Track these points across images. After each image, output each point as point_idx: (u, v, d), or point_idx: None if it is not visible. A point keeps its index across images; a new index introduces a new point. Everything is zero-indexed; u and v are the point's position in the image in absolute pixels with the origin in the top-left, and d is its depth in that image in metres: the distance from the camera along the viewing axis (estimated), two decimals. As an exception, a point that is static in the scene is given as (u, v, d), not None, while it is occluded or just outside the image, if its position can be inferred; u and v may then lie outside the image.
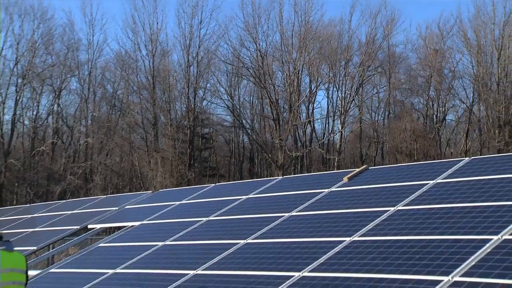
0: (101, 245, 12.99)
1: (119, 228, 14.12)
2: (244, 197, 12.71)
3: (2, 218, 18.85)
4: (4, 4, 50.39)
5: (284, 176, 14.33)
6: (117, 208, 15.36)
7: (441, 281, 6.89)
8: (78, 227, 14.69)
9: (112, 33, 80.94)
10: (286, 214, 10.77)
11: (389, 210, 9.37)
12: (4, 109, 49.14)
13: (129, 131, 49.60)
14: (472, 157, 10.68)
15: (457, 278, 6.85)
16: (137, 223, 13.52)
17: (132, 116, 49.14)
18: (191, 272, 9.56)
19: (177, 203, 14.05)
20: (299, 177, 13.84)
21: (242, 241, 10.20)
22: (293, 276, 8.25)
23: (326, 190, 11.34)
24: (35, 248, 13.84)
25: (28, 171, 47.60)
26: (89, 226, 14.66)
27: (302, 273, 8.25)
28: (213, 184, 15.29)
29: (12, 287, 8.48)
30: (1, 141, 47.98)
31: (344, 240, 8.84)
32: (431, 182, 9.91)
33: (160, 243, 11.54)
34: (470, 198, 8.81)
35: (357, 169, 11.98)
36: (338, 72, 49.23)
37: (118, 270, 10.81)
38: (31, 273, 12.62)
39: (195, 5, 49.25)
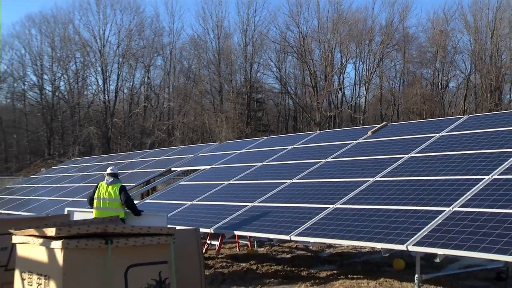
0: (181, 183, 13.22)
1: (194, 170, 14.32)
2: (290, 147, 12.73)
3: (111, 162, 19.31)
4: (110, 2, 51.44)
5: (321, 131, 14.26)
6: (192, 155, 15.54)
7: (444, 211, 6.85)
8: (164, 169, 14.93)
9: (187, 22, 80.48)
10: (323, 160, 10.77)
11: (404, 156, 9.28)
12: (110, 81, 50.28)
13: (200, 97, 49.80)
14: (470, 115, 10.46)
15: (456, 209, 6.81)
16: (207, 167, 13.68)
17: (202, 85, 49.36)
18: (250, 204, 9.69)
19: (238, 151, 14.15)
20: (333, 131, 13.76)
21: (288, 181, 10.26)
22: (328, 207, 8.30)
23: (354, 141, 11.28)
24: (134, 184, 14.18)
25: (127, 127, 48.56)
26: (172, 169, 14.91)
27: (335, 205, 8.29)
28: (265, 137, 15.31)
29: (99, 211, 8.90)
30: (108, 105, 49.05)
31: (368, 180, 8.82)
32: (437, 134, 9.76)
33: (226, 182, 11.68)
34: (468, 147, 8.66)
35: (379, 125, 11.86)
36: (363, 49, 48.58)
37: (194, 202, 11.02)
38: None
39: (251, -3, 49.04)
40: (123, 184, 9.18)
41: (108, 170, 9.19)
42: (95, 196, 9.01)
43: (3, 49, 54.04)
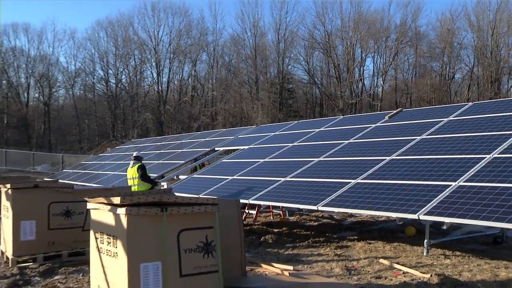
0: (223, 161, 13.32)
1: (234, 150, 14.38)
2: (317, 130, 12.68)
3: (164, 142, 19.60)
4: (163, 7, 51.98)
5: (344, 116, 14.13)
6: (233, 137, 15.62)
7: (450, 185, 6.76)
8: (209, 149, 15.04)
9: (228, 22, 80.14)
10: (346, 141, 10.70)
11: (416, 138, 9.16)
12: (162, 74, 51.03)
13: (239, 87, 49.76)
14: (473, 102, 10.21)
15: (462, 183, 6.71)
16: (246, 147, 13.74)
17: (241, 77, 49.36)
18: (282, 179, 9.73)
19: (272, 134, 14.17)
20: (354, 116, 13.60)
21: (316, 159, 10.25)
22: (350, 182, 8.28)
23: (373, 125, 11.16)
24: (183, 162, 14.32)
25: (177, 113, 49.02)
26: (216, 148, 15.00)
27: (356, 180, 8.25)
28: (295, 122, 15.26)
29: (132, 188, 9.86)
30: (161, 95, 49.65)
31: (385, 159, 8.74)
32: (445, 119, 9.58)
33: (262, 160, 11.73)
34: (472, 130, 8.49)
35: (395, 111, 11.70)
36: (381, 45, 47.73)
37: (235, 177, 11.12)
38: (182, 177, 13.12)
39: (283, 1, 48.61)
40: (142, 163, 10.09)
41: (133, 155, 10.30)
42: (127, 177, 10.15)
43: (78, 50, 62.58)
